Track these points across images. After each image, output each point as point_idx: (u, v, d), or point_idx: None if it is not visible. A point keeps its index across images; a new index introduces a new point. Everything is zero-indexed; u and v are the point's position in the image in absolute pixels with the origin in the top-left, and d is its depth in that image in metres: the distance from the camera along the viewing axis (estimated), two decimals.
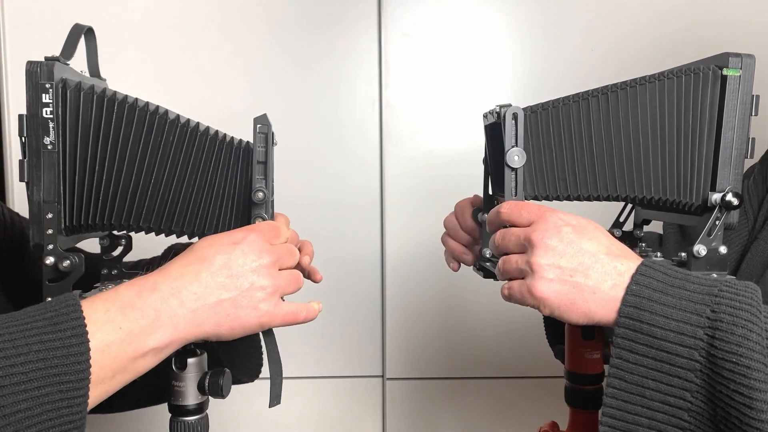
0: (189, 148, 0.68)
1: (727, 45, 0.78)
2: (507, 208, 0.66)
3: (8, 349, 0.51)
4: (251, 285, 0.62)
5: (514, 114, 0.70)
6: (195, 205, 0.68)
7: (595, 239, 0.62)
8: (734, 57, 0.69)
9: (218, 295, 0.61)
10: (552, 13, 1.42)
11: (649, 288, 0.58)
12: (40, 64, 0.63)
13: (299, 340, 1.47)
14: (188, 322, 0.60)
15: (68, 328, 0.54)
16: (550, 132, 0.71)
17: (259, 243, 0.64)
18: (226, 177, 0.69)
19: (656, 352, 0.57)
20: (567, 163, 0.72)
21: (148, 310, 0.58)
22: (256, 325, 0.63)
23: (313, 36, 1.42)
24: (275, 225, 0.67)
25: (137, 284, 0.60)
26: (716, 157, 0.71)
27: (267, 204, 0.68)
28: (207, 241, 0.64)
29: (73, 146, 0.66)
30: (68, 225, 0.67)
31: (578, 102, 0.71)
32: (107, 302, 0.58)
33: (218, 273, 0.61)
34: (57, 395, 0.52)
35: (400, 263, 1.46)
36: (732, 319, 0.55)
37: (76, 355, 0.53)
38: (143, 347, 0.58)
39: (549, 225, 0.62)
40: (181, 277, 0.60)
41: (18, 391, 0.51)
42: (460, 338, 1.48)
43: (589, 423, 0.81)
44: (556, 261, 0.61)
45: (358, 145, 1.44)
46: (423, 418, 1.51)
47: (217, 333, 0.62)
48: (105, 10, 1.39)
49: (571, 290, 0.60)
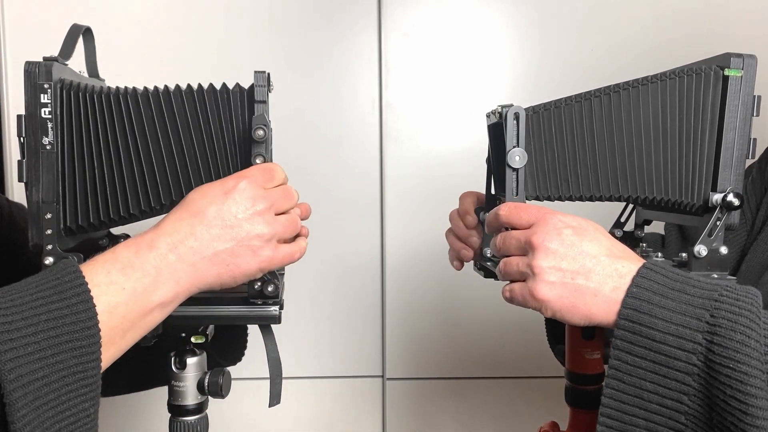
0: (182, 111, 0.66)
1: (729, 45, 0.78)
2: (506, 210, 0.66)
3: (17, 321, 0.52)
4: (247, 234, 0.62)
5: (516, 114, 0.70)
6: (204, 163, 0.67)
7: (595, 241, 0.62)
8: (736, 57, 0.69)
9: (214, 247, 0.61)
10: (552, 13, 1.42)
11: (649, 291, 0.58)
12: (39, 64, 0.63)
13: (299, 340, 1.47)
14: (189, 275, 0.61)
15: (73, 294, 0.55)
16: (552, 132, 0.71)
17: (252, 190, 0.63)
18: (227, 123, 0.67)
19: (655, 354, 0.57)
20: (569, 164, 0.72)
21: (148, 268, 0.59)
22: (256, 270, 0.63)
23: (313, 36, 1.42)
24: (268, 167, 0.66)
25: (134, 243, 0.60)
26: (717, 157, 0.71)
27: (267, 142, 0.66)
28: (199, 192, 0.63)
29: (71, 146, 0.66)
30: (67, 225, 0.67)
31: (580, 102, 0.71)
32: (107, 264, 0.58)
33: (212, 225, 0.61)
34: (72, 360, 0.53)
35: (400, 263, 1.46)
36: (731, 325, 0.55)
37: (85, 320, 0.54)
38: (149, 304, 0.59)
39: (549, 227, 0.62)
40: (176, 232, 0.61)
41: (33, 360, 0.52)
42: (460, 338, 1.48)
43: (589, 423, 0.81)
44: (557, 263, 0.61)
45: (358, 145, 1.44)
46: (423, 418, 1.51)
47: (219, 283, 0.62)
48: (104, 10, 1.39)
49: (573, 293, 0.60)
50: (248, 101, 0.67)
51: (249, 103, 0.67)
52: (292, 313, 0.89)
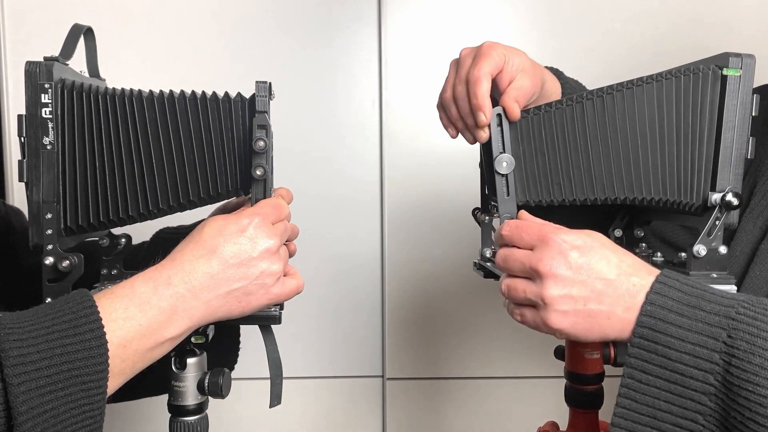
0: (184, 117, 0.67)
1: (728, 45, 0.78)
2: (507, 230, 0.65)
3: (32, 354, 0.54)
4: (261, 272, 0.64)
5: (498, 115, 0.70)
6: (201, 170, 0.68)
7: (604, 260, 0.60)
8: (734, 57, 0.69)
9: (230, 286, 0.63)
10: (551, 13, 1.42)
11: (664, 308, 0.57)
12: (39, 64, 0.63)
13: (299, 340, 1.47)
14: (202, 312, 0.63)
15: (87, 330, 0.56)
16: (543, 136, 0.71)
17: (265, 228, 0.65)
18: (228, 131, 0.68)
19: (670, 373, 0.56)
20: (561, 167, 0.71)
21: (164, 305, 0.61)
22: (265, 305, 0.67)
23: (313, 36, 1.42)
24: (278, 204, 0.68)
25: (152, 279, 0.62)
26: (716, 157, 0.70)
27: (267, 154, 0.67)
28: (215, 228, 0.64)
29: (72, 146, 0.66)
30: (68, 225, 0.67)
31: (571, 105, 0.71)
32: (125, 300, 0.60)
33: (229, 264, 0.63)
34: (79, 394, 0.55)
35: (400, 263, 1.46)
36: (749, 347, 0.54)
37: (96, 357, 0.56)
38: (161, 339, 0.61)
39: (554, 252, 0.60)
40: (193, 271, 0.62)
41: (44, 393, 0.54)
42: (460, 338, 1.48)
43: (589, 423, 0.81)
44: (568, 291, 0.59)
45: (358, 145, 1.44)
46: (423, 418, 1.51)
47: (229, 317, 0.65)
48: (105, 10, 1.39)
49: (586, 318, 0.60)
50: (249, 110, 0.67)
51: (250, 113, 0.67)
52: (292, 314, 0.89)
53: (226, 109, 0.67)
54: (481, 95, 0.70)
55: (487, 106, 0.70)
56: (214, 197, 0.70)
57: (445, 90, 0.76)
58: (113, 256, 0.74)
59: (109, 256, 0.73)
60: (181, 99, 0.67)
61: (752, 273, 0.76)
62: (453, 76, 0.75)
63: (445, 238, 1.44)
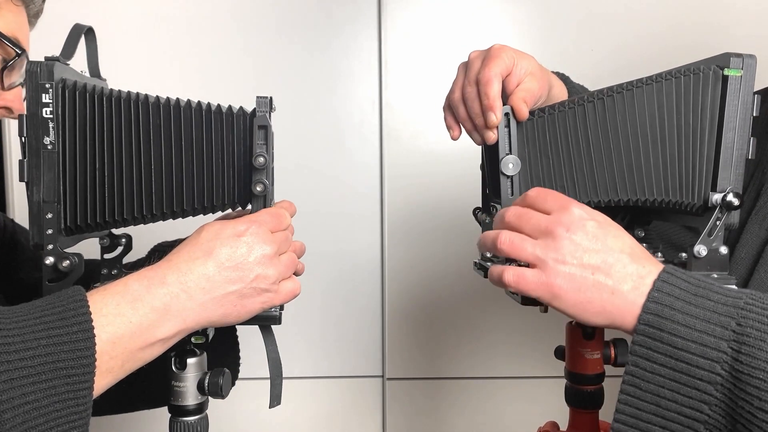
0: (188, 126, 0.67)
1: (728, 45, 0.78)
2: (534, 192, 0.64)
3: (17, 343, 0.53)
4: (257, 276, 0.64)
5: (506, 115, 0.70)
6: (199, 180, 0.68)
7: (619, 238, 0.61)
8: (735, 57, 0.69)
9: (225, 288, 0.63)
10: (551, 13, 1.42)
11: (671, 296, 0.57)
12: (40, 64, 0.63)
13: (299, 340, 1.47)
14: (196, 314, 0.62)
15: (75, 323, 0.55)
16: (546, 138, 0.71)
17: (262, 234, 0.65)
18: (229, 145, 0.68)
19: (675, 362, 0.56)
20: (565, 169, 0.71)
21: (157, 303, 0.60)
22: (260, 310, 0.66)
23: (313, 36, 1.42)
24: (278, 213, 0.68)
25: (146, 277, 0.61)
26: (717, 157, 0.70)
27: (267, 169, 0.68)
28: (212, 232, 0.65)
29: (72, 146, 0.66)
30: (68, 225, 0.67)
31: (573, 108, 0.71)
32: (117, 296, 0.59)
33: (225, 266, 0.63)
34: (63, 387, 0.54)
35: (400, 263, 1.46)
36: (760, 335, 0.54)
37: (83, 350, 0.55)
38: (152, 338, 0.60)
39: (574, 218, 0.60)
40: (189, 271, 0.62)
41: (26, 383, 0.53)
42: (460, 338, 1.48)
43: (589, 423, 0.81)
44: (579, 256, 0.59)
45: (358, 145, 1.44)
46: (423, 418, 1.51)
47: (223, 321, 0.65)
48: (105, 9, 1.39)
49: (590, 288, 0.59)
50: (250, 124, 0.68)
51: (251, 126, 0.67)
52: (292, 314, 0.89)
53: (229, 122, 0.68)
54: (492, 96, 0.71)
55: (498, 106, 0.71)
56: (208, 208, 0.70)
57: (453, 91, 0.77)
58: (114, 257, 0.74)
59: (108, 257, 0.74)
60: (187, 108, 0.67)
61: (758, 275, 0.76)
62: (462, 78, 0.76)
63: (446, 238, 1.44)
